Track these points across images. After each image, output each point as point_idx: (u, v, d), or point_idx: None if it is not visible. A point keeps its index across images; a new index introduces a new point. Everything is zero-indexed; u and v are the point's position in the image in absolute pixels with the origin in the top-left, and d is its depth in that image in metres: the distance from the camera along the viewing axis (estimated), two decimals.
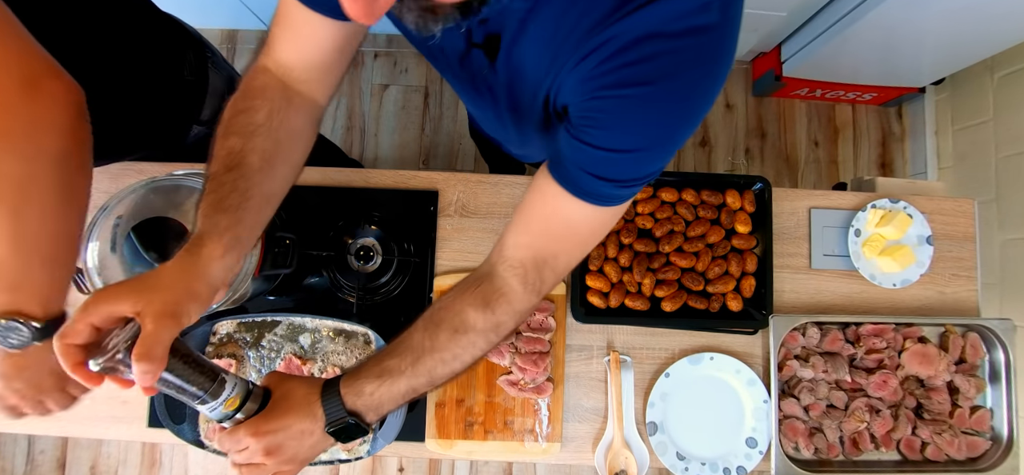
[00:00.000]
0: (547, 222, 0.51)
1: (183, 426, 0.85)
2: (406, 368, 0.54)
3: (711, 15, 0.39)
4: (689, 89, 0.42)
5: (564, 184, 0.48)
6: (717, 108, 1.88)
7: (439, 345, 0.54)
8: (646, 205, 0.93)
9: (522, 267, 0.53)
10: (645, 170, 0.47)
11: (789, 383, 0.92)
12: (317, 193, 0.93)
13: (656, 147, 0.45)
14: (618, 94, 0.41)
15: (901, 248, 0.94)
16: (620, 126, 0.43)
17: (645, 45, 0.39)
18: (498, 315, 0.54)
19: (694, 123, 0.45)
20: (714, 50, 0.41)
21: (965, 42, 1.40)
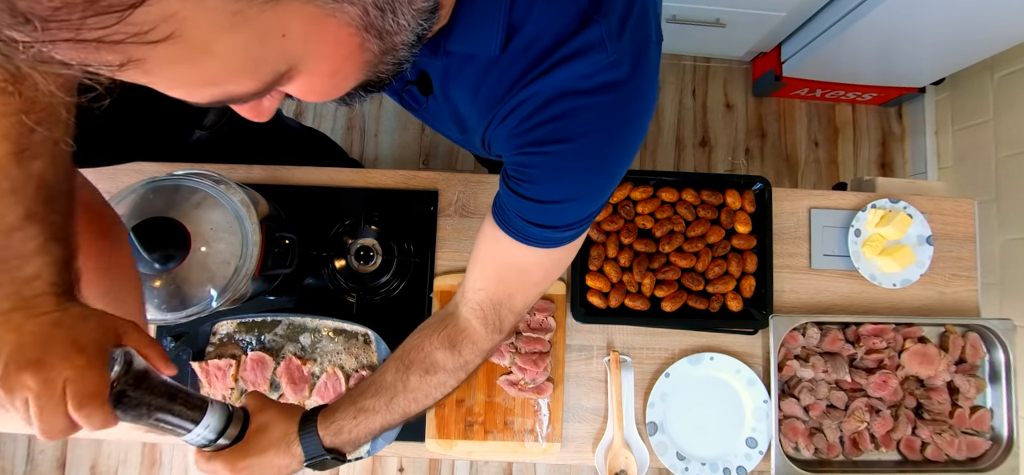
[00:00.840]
0: (498, 267, 0.53)
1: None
2: (381, 407, 0.57)
3: (621, 71, 0.40)
4: (607, 143, 0.44)
5: (507, 231, 0.49)
6: (717, 108, 1.88)
7: (411, 386, 0.57)
8: (646, 205, 0.93)
9: (481, 309, 0.55)
10: (581, 215, 0.48)
11: (789, 383, 0.92)
12: (317, 193, 0.93)
13: (587, 196, 0.47)
14: (541, 150, 0.43)
15: (901, 248, 0.94)
16: (548, 180, 0.45)
17: (560, 103, 0.41)
18: (465, 356, 0.57)
19: (620, 170, 0.48)
20: (628, 104, 0.43)
21: (965, 42, 1.40)
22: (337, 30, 0.30)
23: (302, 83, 0.32)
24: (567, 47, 0.39)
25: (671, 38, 1.74)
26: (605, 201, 0.49)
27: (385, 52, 0.34)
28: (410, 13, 0.33)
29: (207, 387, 0.85)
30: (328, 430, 0.57)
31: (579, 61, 0.40)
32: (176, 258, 0.67)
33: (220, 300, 0.69)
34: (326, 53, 0.31)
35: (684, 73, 1.89)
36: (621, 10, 0.40)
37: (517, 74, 0.42)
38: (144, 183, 0.71)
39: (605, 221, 0.92)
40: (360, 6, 0.30)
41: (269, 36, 0.27)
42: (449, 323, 0.57)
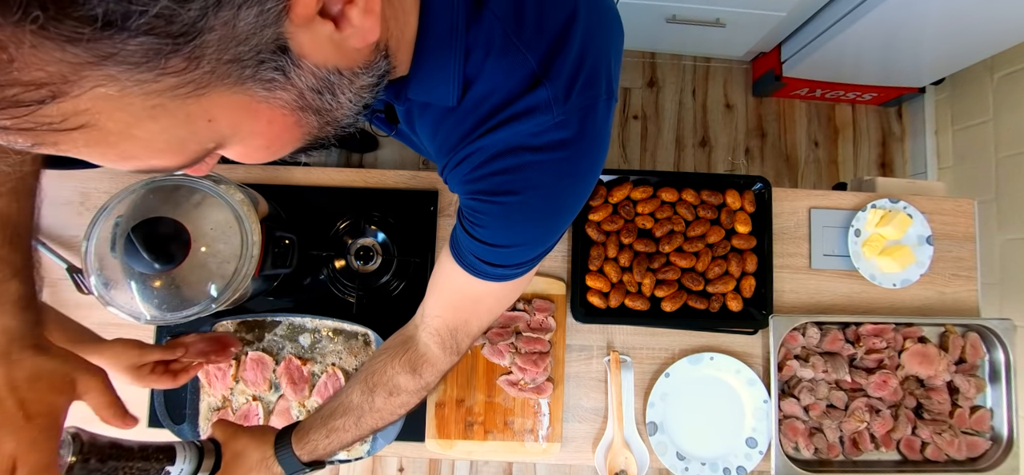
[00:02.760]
0: (453, 295, 0.56)
1: (183, 426, 0.85)
2: (351, 426, 0.61)
3: (567, 131, 0.42)
4: (554, 197, 0.46)
5: (461, 264, 0.51)
6: (717, 108, 1.88)
7: (376, 406, 0.61)
8: (646, 205, 0.93)
9: (439, 334, 0.58)
10: (529, 256, 0.51)
11: (789, 383, 0.92)
12: (317, 193, 0.93)
13: (533, 242, 0.50)
14: (491, 200, 0.45)
15: (901, 248, 0.94)
16: (496, 226, 0.47)
17: (509, 157, 0.43)
18: (425, 378, 0.61)
19: (566, 220, 0.51)
20: (574, 162, 0.45)
21: (965, 42, 1.40)
22: (269, 112, 0.30)
23: (235, 152, 0.32)
24: (516, 106, 0.41)
25: (671, 38, 1.74)
26: (553, 243, 0.52)
27: (326, 124, 0.35)
28: (351, 92, 0.34)
29: (207, 387, 0.85)
30: (303, 449, 0.61)
31: (527, 120, 0.41)
32: (176, 258, 0.67)
33: (220, 300, 0.69)
34: (258, 131, 0.31)
35: (684, 73, 1.89)
36: (569, 73, 0.41)
37: (470, 126, 0.43)
38: (144, 183, 0.70)
39: (605, 221, 0.92)
40: (295, 91, 0.31)
41: (194, 121, 0.27)
42: (409, 347, 0.61)
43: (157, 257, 0.66)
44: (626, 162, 1.84)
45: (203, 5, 0.23)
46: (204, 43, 0.24)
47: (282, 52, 0.28)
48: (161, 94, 0.24)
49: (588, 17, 0.42)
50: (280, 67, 0.29)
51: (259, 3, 0.25)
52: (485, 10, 0.39)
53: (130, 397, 0.87)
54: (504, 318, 0.90)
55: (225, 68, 0.26)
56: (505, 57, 0.40)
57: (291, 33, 0.28)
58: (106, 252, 0.68)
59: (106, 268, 0.68)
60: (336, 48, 0.31)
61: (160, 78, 0.24)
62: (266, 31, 0.27)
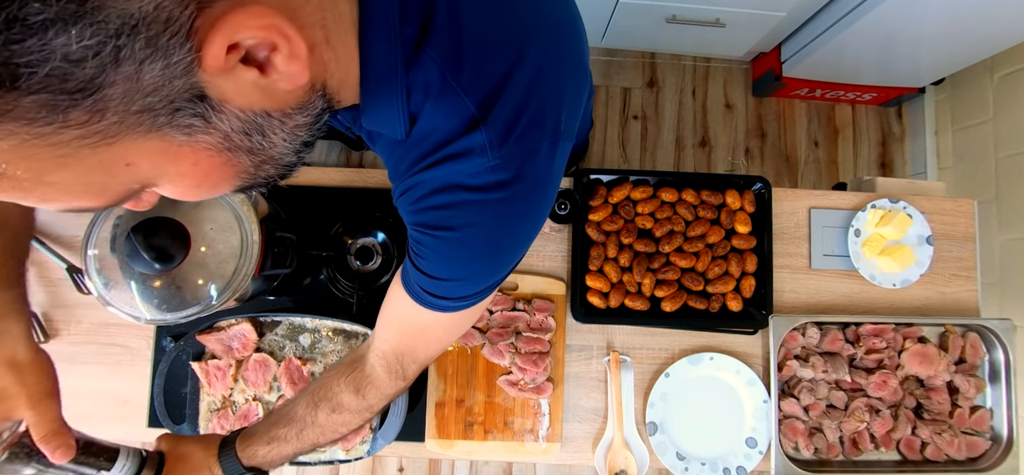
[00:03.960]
0: (401, 322, 0.56)
1: (183, 426, 0.85)
2: (292, 438, 0.61)
3: (503, 174, 0.43)
4: (491, 236, 0.47)
5: (408, 292, 0.52)
6: (717, 108, 1.88)
7: (319, 421, 0.61)
8: (646, 205, 0.93)
9: (386, 358, 0.59)
10: (471, 291, 0.51)
11: (789, 383, 0.92)
12: (317, 193, 0.93)
13: (474, 278, 0.50)
14: (430, 233, 0.46)
15: (901, 248, 0.94)
16: (436, 260, 0.48)
17: (448, 194, 0.43)
18: (368, 399, 0.61)
19: (508, 259, 0.51)
20: (511, 204, 0.45)
21: (965, 42, 1.40)
22: (194, 155, 0.30)
23: (166, 191, 0.33)
24: (454, 146, 0.42)
25: (671, 38, 1.74)
26: (498, 280, 0.52)
27: (261, 164, 0.35)
28: (284, 132, 0.34)
29: (207, 387, 0.85)
30: (245, 454, 0.61)
31: (464, 161, 0.42)
32: (176, 258, 0.67)
33: (220, 300, 0.69)
34: (184, 172, 0.31)
35: (684, 73, 1.89)
36: (508, 118, 0.41)
37: (415, 158, 0.44)
38: None
39: (605, 221, 0.92)
40: (219, 134, 0.31)
41: (110, 166, 0.27)
42: (357, 367, 0.61)
43: (157, 257, 0.66)
44: (626, 162, 1.84)
45: (100, 63, 0.23)
46: (106, 97, 0.24)
47: (200, 99, 0.28)
48: (66, 145, 0.25)
49: (539, 62, 0.42)
50: (199, 113, 0.29)
51: (164, 57, 0.25)
52: (423, 53, 0.39)
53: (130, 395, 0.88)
54: (504, 318, 0.90)
55: (135, 118, 0.26)
56: (444, 99, 0.40)
57: (207, 81, 0.28)
58: (106, 252, 0.68)
59: (106, 268, 0.68)
60: (263, 92, 0.31)
61: (61, 131, 0.24)
62: (176, 82, 0.27)
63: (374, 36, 0.38)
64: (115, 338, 0.89)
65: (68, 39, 0.22)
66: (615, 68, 1.88)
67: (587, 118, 0.93)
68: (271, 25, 0.28)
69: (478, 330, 0.90)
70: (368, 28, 0.37)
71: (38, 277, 0.90)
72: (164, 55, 0.25)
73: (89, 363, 0.89)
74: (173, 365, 0.85)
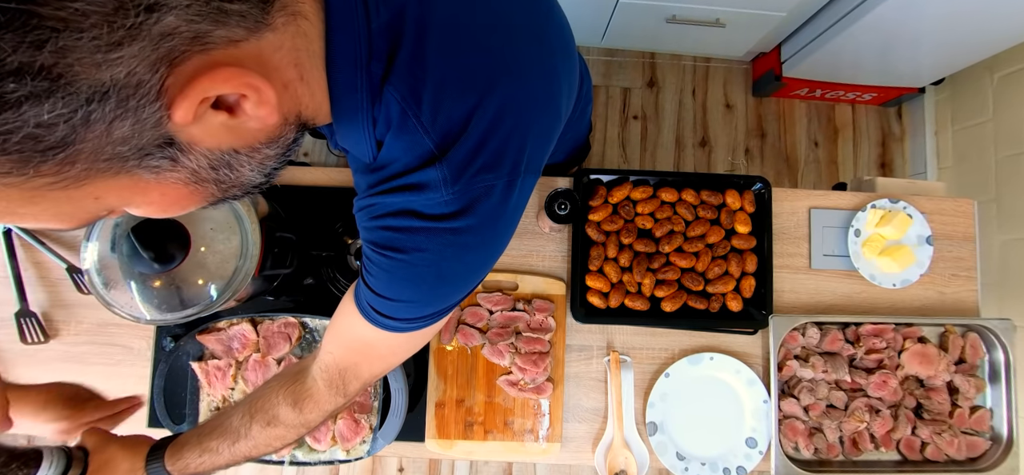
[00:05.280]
0: (349, 339, 0.56)
1: (183, 426, 0.85)
2: (225, 449, 0.60)
3: (456, 207, 0.44)
4: (439, 266, 0.47)
5: (359, 308, 0.52)
6: (717, 108, 1.88)
7: (252, 434, 0.60)
8: (646, 205, 0.93)
9: (328, 371, 0.57)
10: (417, 314, 0.51)
11: (789, 383, 0.92)
12: (317, 193, 0.93)
13: (420, 302, 0.50)
14: (381, 252, 0.47)
15: (901, 248, 0.94)
16: (384, 279, 0.48)
17: (401, 218, 0.44)
18: (305, 415, 0.59)
19: (456, 289, 0.51)
20: (461, 239, 0.46)
21: (965, 42, 1.40)
22: (161, 187, 0.31)
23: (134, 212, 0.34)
24: (410, 178, 0.43)
25: (671, 38, 1.74)
26: (447, 308, 0.52)
27: (228, 189, 0.36)
28: (252, 164, 0.35)
29: (207, 387, 0.85)
30: (175, 465, 0.60)
31: (419, 193, 0.43)
32: (176, 258, 0.67)
33: (220, 300, 0.69)
34: (152, 200, 0.32)
35: (684, 73, 1.89)
36: (463, 158, 0.42)
37: (375, 180, 0.45)
38: None
39: (605, 221, 0.92)
40: (186, 171, 0.31)
41: (78, 201, 0.28)
42: (298, 380, 0.60)
43: (157, 257, 0.66)
44: (626, 162, 1.85)
45: (71, 127, 0.24)
46: (76, 152, 0.25)
47: (168, 145, 0.29)
48: (36, 189, 0.26)
49: (500, 105, 0.43)
50: (167, 156, 0.30)
51: (134, 115, 0.26)
52: (386, 90, 0.40)
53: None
54: (504, 318, 0.90)
55: (104, 164, 0.27)
56: (404, 133, 0.41)
57: (176, 130, 0.29)
58: (106, 252, 0.68)
59: (106, 268, 0.68)
60: (232, 132, 0.32)
61: (32, 180, 0.25)
62: (145, 134, 0.27)
63: (341, 75, 0.39)
64: (115, 338, 0.90)
65: (40, 110, 0.23)
66: (615, 68, 1.88)
67: (586, 122, 0.93)
68: (243, 83, 0.29)
69: (478, 330, 0.90)
70: (336, 65, 0.38)
71: (38, 277, 0.90)
72: (134, 113, 0.26)
73: (89, 363, 0.89)
74: (173, 365, 0.85)
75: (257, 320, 0.86)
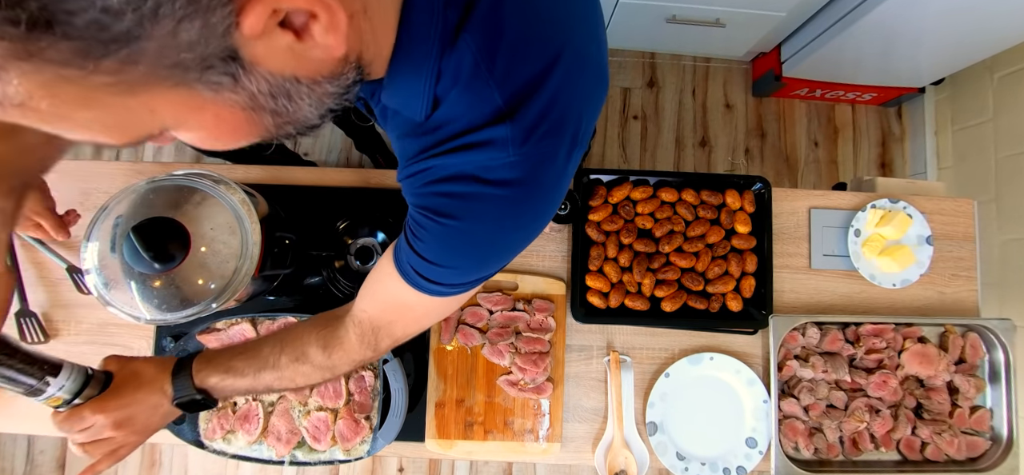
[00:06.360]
0: (385, 296, 0.56)
1: (183, 426, 0.85)
2: (250, 373, 0.61)
3: (518, 173, 0.43)
4: (494, 234, 0.47)
5: (398, 269, 0.52)
6: (717, 108, 1.88)
7: (280, 365, 0.60)
8: (646, 205, 0.93)
9: (361, 327, 0.58)
10: (462, 280, 0.51)
11: (789, 383, 0.92)
12: (317, 193, 0.93)
13: (468, 268, 0.50)
14: (432, 218, 0.46)
15: (901, 248, 0.94)
16: (435, 245, 0.48)
17: (459, 183, 0.43)
18: (333, 359, 0.60)
19: (504, 258, 0.51)
20: (520, 206, 0.45)
21: (965, 42, 1.40)
22: (217, 109, 0.31)
23: (184, 137, 0.33)
24: (475, 136, 0.42)
25: (671, 38, 1.74)
26: (489, 274, 0.53)
27: (284, 124, 0.35)
28: (312, 99, 0.34)
29: None
30: (199, 375, 0.61)
31: (482, 152, 0.42)
32: (176, 258, 0.67)
33: (220, 300, 0.69)
34: (205, 124, 0.31)
35: (684, 73, 1.89)
36: (533, 118, 0.41)
37: (430, 143, 0.44)
38: (144, 183, 0.71)
39: (605, 221, 0.92)
40: (245, 94, 0.31)
41: (133, 111, 0.28)
42: (330, 326, 0.60)
43: (157, 257, 0.66)
44: (626, 162, 1.84)
45: (138, 17, 0.23)
46: (140, 49, 0.24)
47: (232, 59, 0.28)
48: (93, 89, 0.25)
49: (570, 68, 0.42)
50: (229, 72, 0.29)
51: (203, 16, 0.25)
52: (460, 40, 0.39)
53: None
54: (504, 318, 0.90)
55: (166, 72, 0.26)
56: (473, 88, 0.40)
57: (242, 43, 0.28)
58: (106, 252, 0.68)
59: (106, 268, 0.68)
60: (296, 58, 0.31)
61: (91, 76, 0.24)
62: (212, 42, 0.27)
63: (417, 14, 0.38)
64: (115, 338, 0.90)
65: None
66: (615, 68, 1.88)
67: None
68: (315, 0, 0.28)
69: (478, 330, 0.90)
70: (414, 5, 0.37)
71: (38, 277, 0.90)
72: (203, 14, 0.25)
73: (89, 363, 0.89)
74: None
75: (257, 320, 0.86)
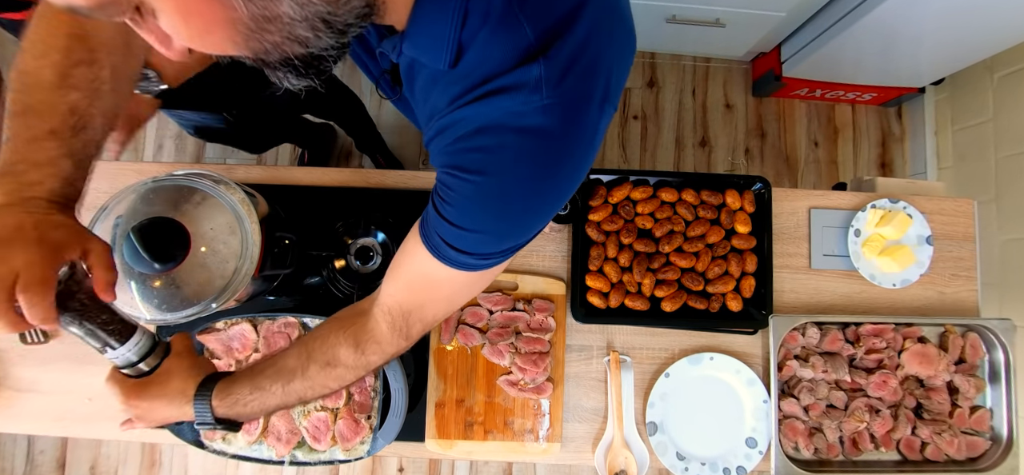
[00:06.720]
0: (414, 278, 0.54)
1: (183, 426, 0.84)
2: (278, 390, 0.58)
3: (553, 119, 0.40)
4: (528, 188, 0.44)
5: (426, 245, 0.50)
6: (717, 108, 1.88)
7: (310, 374, 0.58)
8: (646, 205, 0.93)
9: (391, 314, 0.56)
10: (495, 249, 0.49)
11: (789, 383, 0.92)
12: (317, 193, 0.93)
13: (500, 233, 0.48)
14: (461, 176, 0.44)
15: (901, 248, 0.94)
16: (465, 206, 0.45)
17: (488, 135, 0.41)
18: (367, 356, 0.58)
19: (537, 218, 0.48)
20: (557, 155, 0.43)
21: (965, 42, 1.40)
22: None
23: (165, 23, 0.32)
24: (506, 78, 0.39)
25: (671, 38, 1.74)
26: (523, 242, 0.50)
27: (263, 19, 0.32)
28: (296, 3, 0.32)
29: None
30: (223, 401, 0.58)
31: (514, 95, 0.39)
32: (176, 258, 0.67)
33: (220, 300, 0.69)
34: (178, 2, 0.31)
35: (684, 73, 1.89)
36: (567, 57, 0.39)
37: (457, 92, 0.42)
38: (144, 183, 0.70)
39: (605, 221, 0.92)
40: None
41: None
42: (358, 322, 0.58)
43: (157, 257, 0.66)
44: (626, 162, 1.84)
45: None
46: None
47: None
48: None
49: (598, 14, 0.41)
50: None
51: None
52: None
53: None
54: (504, 318, 0.90)
55: None
56: (503, 27, 0.39)
57: None
58: None
59: None
60: None
61: None
62: None
63: None
64: None
65: None
66: None
67: None
68: None
69: (478, 330, 0.90)
70: None
71: None
72: None
73: (89, 363, 0.89)
74: None
75: (257, 320, 0.86)
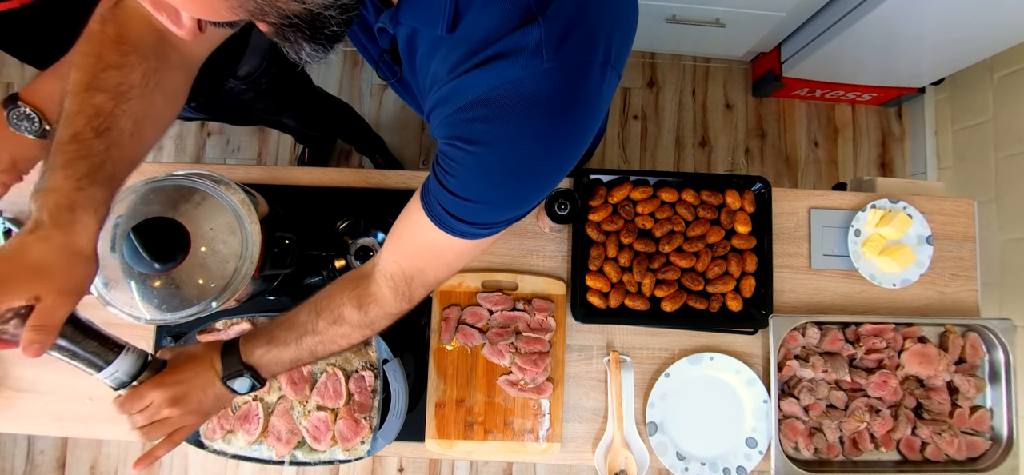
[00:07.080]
0: (415, 243, 0.55)
1: None
2: (292, 342, 0.61)
3: (556, 84, 0.39)
4: (530, 157, 0.44)
5: (427, 212, 0.50)
6: (717, 108, 1.88)
7: (319, 329, 0.60)
8: (646, 205, 0.93)
9: (393, 279, 0.57)
10: (495, 218, 0.49)
11: (789, 383, 0.92)
12: (317, 193, 0.93)
13: (501, 203, 0.48)
14: (464, 147, 0.43)
15: (901, 248, 0.94)
16: (466, 177, 0.45)
17: (489, 106, 0.41)
18: (370, 316, 0.59)
19: (540, 187, 0.48)
20: (560, 122, 0.42)
21: (965, 42, 1.40)
22: None
23: None
24: (504, 43, 0.39)
25: (671, 38, 1.74)
26: (524, 212, 0.50)
27: None
28: None
29: None
30: (245, 349, 0.62)
31: (514, 60, 0.39)
32: (176, 258, 0.67)
33: (220, 300, 0.69)
34: None
35: (684, 73, 1.89)
36: (567, 19, 0.38)
37: (457, 59, 0.41)
38: (144, 183, 0.70)
39: (605, 221, 0.92)
40: None
41: None
42: (362, 284, 0.59)
43: (157, 257, 0.66)
44: (626, 162, 1.84)
45: None
46: None
47: None
48: None
49: None
50: None
51: None
52: None
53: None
54: (504, 318, 0.90)
55: None
56: None
57: None
58: (106, 252, 0.68)
59: (106, 268, 0.68)
60: None
61: None
62: None
63: None
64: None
65: None
66: None
67: None
68: None
69: (478, 330, 0.90)
70: None
71: None
72: None
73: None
74: None
75: (257, 320, 0.86)
